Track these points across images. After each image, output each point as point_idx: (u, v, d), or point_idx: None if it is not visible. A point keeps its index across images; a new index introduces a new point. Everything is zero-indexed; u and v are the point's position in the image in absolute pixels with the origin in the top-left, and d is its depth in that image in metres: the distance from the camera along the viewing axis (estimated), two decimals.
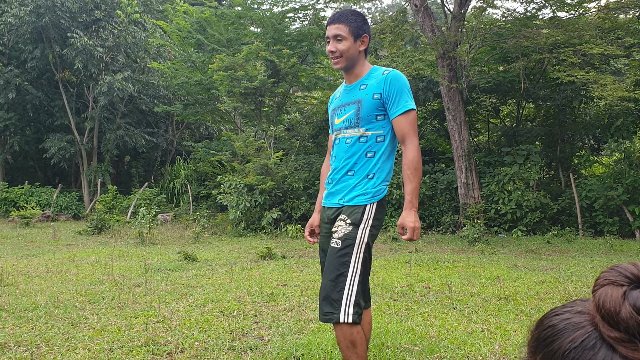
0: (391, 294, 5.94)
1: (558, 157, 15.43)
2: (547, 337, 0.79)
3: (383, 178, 2.85)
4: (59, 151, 20.49)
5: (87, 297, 5.73)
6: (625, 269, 0.76)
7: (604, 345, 0.73)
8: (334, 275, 2.69)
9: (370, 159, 2.83)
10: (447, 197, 15.11)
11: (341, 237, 2.76)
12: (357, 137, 2.85)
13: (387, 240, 11.98)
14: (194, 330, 4.47)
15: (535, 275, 7.05)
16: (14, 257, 9.04)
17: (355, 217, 2.78)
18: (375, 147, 2.83)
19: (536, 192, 13.52)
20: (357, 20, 2.81)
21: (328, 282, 2.69)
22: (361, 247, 2.73)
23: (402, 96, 2.76)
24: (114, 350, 3.90)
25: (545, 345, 0.78)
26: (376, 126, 2.82)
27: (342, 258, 2.71)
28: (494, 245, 10.96)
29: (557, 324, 0.79)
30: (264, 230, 13.72)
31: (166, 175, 22.24)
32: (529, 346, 0.82)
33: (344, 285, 2.66)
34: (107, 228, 14.28)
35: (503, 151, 15.00)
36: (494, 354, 3.74)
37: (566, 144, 15.85)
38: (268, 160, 14.41)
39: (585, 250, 10.20)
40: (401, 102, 2.75)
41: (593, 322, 0.75)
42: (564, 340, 0.76)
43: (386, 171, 2.88)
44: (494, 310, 5.11)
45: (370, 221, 2.78)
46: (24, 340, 4.15)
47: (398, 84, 2.76)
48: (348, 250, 2.72)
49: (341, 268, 2.69)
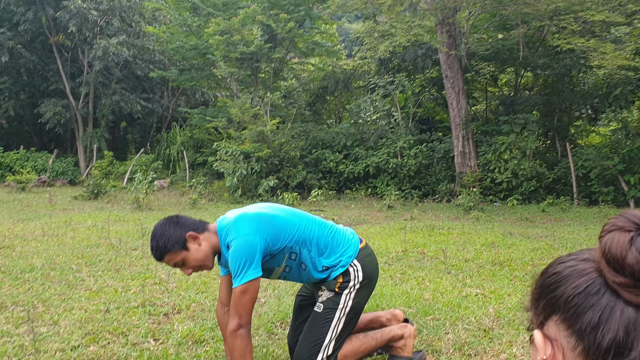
0: (386, 259, 5.99)
1: (555, 126, 15.39)
2: (551, 283, 0.78)
3: (336, 257, 2.75)
4: (54, 116, 20.31)
5: (84, 260, 5.75)
6: (633, 215, 0.75)
7: (608, 291, 0.72)
8: (310, 340, 2.70)
9: (307, 268, 2.75)
10: (443, 165, 15.12)
11: (323, 301, 2.76)
12: (282, 270, 2.76)
13: (382, 209, 12.02)
14: (191, 292, 4.50)
15: (529, 243, 7.10)
16: (10, 221, 9.04)
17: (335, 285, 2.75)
18: (301, 260, 2.72)
19: (532, 161, 13.53)
20: (169, 239, 2.52)
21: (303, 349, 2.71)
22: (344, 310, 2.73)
23: (236, 270, 2.51)
24: (110, 311, 3.93)
25: (549, 291, 0.77)
26: (280, 260, 2.69)
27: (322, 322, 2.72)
28: (489, 214, 11.02)
29: (562, 271, 0.78)
30: (260, 197, 13.73)
31: (162, 142, 22.12)
32: (532, 294, 0.82)
33: (319, 349, 2.68)
34: (104, 193, 14.27)
35: (500, 120, 14.94)
36: (488, 316, 3.78)
37: (564, 113, 15.79)
38: (264, 127, 14.33)
39: (580, 219, 10.27)
40: (235, 276, 2.52)
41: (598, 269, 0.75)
42: (568, 287, 0.76)
43: (334, 253, 2.75)
44: (488, 275, 5.16)
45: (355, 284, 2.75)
46: (21, 301, 4.17)
47: (231, 258, 2.53)
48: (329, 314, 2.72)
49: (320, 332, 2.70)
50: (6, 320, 3.67)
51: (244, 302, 2.47)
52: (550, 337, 0.75)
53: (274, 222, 2.63)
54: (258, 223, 2.57)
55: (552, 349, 0.74)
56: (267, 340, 3.39)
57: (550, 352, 0.74)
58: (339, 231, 2.84)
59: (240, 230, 2.53)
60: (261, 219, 2.61)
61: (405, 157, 14.77)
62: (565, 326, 0.74)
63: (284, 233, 2.63)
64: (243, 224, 2.56)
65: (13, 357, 3.01)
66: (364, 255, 2.82)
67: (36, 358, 2.99)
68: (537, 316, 0.79)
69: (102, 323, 3.64)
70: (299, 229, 2.68)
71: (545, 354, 0.75)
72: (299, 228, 2.68)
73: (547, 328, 0.77)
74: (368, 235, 7.75)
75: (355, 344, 2.80)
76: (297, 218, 2.74)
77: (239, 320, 2.47)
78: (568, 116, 15.86)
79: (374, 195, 14.85)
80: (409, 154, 14.72)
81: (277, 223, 2.64)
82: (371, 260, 2.85)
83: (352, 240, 2.83)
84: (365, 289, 2.79)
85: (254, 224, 2.56)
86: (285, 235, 2.63)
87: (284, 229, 2.64)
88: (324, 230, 2.77)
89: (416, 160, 14.61)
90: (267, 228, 2.58)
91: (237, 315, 2.47)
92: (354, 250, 2.78)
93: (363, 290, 2.77)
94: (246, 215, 2.62)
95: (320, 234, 2.74)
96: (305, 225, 2.72)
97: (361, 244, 2.85)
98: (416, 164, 14.57)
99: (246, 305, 2.48)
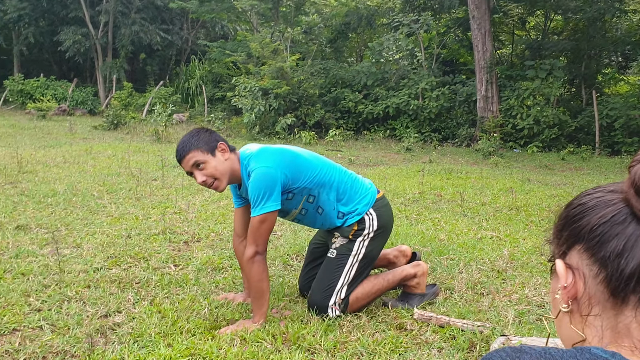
0: (402, 199, 6.01)
1: (582, 73, 14.97)
2: (575, 214, 0.77)
3: (353, 205, 2.75)
4: (74, 44, 20.21)
5: (105, 187, 5.85)
6: None
7: (634, 221, 0.71)
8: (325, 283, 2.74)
9: (324, 212, 2.75)
10: (465, 109, 14.89)
11: (337, 247, 2.78)
12: (299, 212, 2.77)
13: (400, 151, 11.97)
14: (210, 222, 4.58)
15: (547, 190, 7.06)
16: (32, 147, 9.18)
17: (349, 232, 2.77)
18: (319, 204, 2.72)
19: (556, 109, 13.26)
20: (201, 139, 2.56)
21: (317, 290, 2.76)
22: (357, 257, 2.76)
23: (255, 200, 2.53)
24: (131, 237, 4.03)
25: (574, 221, 0.77)
26: (297, 202, 2.69)
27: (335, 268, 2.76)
28: (508, 160, 10.93)
29: (588, 202, 0.77)
30: (277, 135, 13.72)
31: (181, 75, 21.99)
32: (555, 226, 0.81)
33: (332, 292, 2.72)
34: (123, 124, 14.36)
35: (526, 65, 14.55)
36: (502, 258, 3.81)
37: (592, 60, 15.32)
38: (284, 63, 14.13)
39: (600, 169, 10.15)
40: (254, 206, 2.54)
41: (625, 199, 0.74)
42: (593, 216, 0.75)
43: (352, 201, 2.75)
44: (504, 219, 5.17)
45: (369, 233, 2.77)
46: (45, 223, 4.28)
47: (251, 187, 2.55)
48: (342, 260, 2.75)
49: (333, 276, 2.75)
50: (31, 241, 3.79)
51: (261, 231, 2.53)
52: (572, 266, 0.76)
53: (297, 160, 2.65)
54: (281, 157, 2.59)
55: (573, 277, 0.75)
56: (283, 271, 3.47)
57: (572, 280, 0.75)
58: (358, 180, 2.86)
59: (262, 161, 2.55)
60: (284, 154, 2.63)
61: (426, 99, 14.56)
62: (589, 255, 0.74)
63: (304, 173, 2.64)
64: (266, 156, 2.58)
65: (39, 276, 3.12)
66: (381, 205, 2.83)
67: (60, 278, 3.09)
68: (560, 246, 0.79)
69: (124, 248, 3.74)
70: (320, 172, 2.70)
71: (566, 281, 0.75)
72: (320, 171, 2.70)
73: (569, 257, 0.77)
74: (385, 176, 7.75)
75: (367, 286, 2.83)
76: (319, 161, 2.75)
77: (256, 248, 2.54)
78: (597, 63, 15.40)
79: (393, 137, 14.75)
80: (430, 96, 14.49)
81: (299, 162, 2.65)
82: (387, 210, 2.87)
83: (370, 190, 2.85)
84: (379, 238, 2.82)
85: (276, 157, 2.58)
86: (306, 176, 2.64)
87: (305, 169, 2.65)
88: (344, 177, 2.79)
89: (438, 102, 14.39)
90: (289, 164, 2.59)
91: (255, 244, 2.54)
92: (370, 199, 2.80)
93: (377, 239, 2.80)
94: (269, 149, 2.64)
95: (340, 179, 2.76)
96: (326, 170, 2.73)
97: (378, 194, 2.87)
98: (437, 106, 14.36)
99: (263, 235, 2.54)
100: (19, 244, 3.70)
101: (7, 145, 9.25)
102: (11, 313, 2.61)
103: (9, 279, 3.06)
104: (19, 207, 4.77)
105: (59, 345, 2.31)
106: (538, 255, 3.94)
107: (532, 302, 3.04)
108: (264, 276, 2.56)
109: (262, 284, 2.56)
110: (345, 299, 2.74)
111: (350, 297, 2.75)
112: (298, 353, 2.30)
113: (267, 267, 2.62)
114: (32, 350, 2.26)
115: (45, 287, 2.97)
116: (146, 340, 2.39)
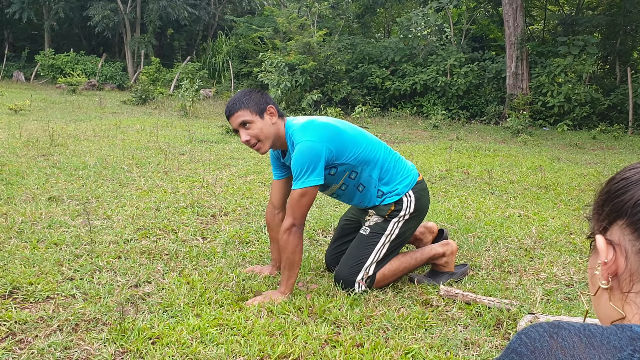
0: (429, 177, 5.97)
1: (617, 49, 14.54)
2: (618, 189, 0.75)
3: (394, 185, 2.74)
4: (103, 19, 20.38)
5: (134, 161, 5.93)
6: None
7: None
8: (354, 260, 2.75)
9: (365, 190, 2.75)
10: (494, 86, 14.63)
11: (371, 225, 2.77)
12: (339, 187, 2.76)
13: (427, 128, 11.85)
14: (237, 197, 4.62)
15: (577, 168, 6.93)
16: (63, 121, 9.33)
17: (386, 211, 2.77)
18: (360, 181, 2.72)
19: (588, 86, 12.93)
20: (252, 99, 2.57)
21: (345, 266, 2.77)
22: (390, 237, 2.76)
23: (298, 173, 2.53)
24: (160, 210, 4.08)
25: (616, 196, 0.74)
26: (339, 176, 2.69)
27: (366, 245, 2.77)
28: (537, 138, 10.73)
29: (631, 176, 0.75)
30: (303, 111, 13.69)
31: (208, 51, 22.02)
32: (596, 202, 0.79)
33: (360, 269, 2.73)
34: (151, 99, 14.49)
35: (558, 41, 14.19)
36: (530, 237, 3.77)
37: (628, 35, 14.85)
38: (311, 38, 14.03)
39: (633, 148, 9.91)
40: (296, 179, 2.55)
41: None
42: (636, 191, 0.72)
43: (393, 181, 2.75)
44: (532, 198, 5.09)
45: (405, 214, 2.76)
46: (76, 195, 4.37)
47: (294, 160, 2.55)
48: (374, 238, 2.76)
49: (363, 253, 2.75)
50: (63, 212, 3.87)
51: (301, 204, 2.54)
52: (613, 241, 0.74)
53: (342, 136, 2.63)
54: (327, 132, 2.58)
55: (614, 253, 0.73)
56: (309, 246, 3.49)
57: (612, 256, 0.73)
58: (401, 160, 2.85)
59: (307, 134, 2.55)
60: (330, 129, 2.61)
61: (455, 76, 14.34)
62: (631, 230, 0.72)
63: (349, 149, 2.63)
64: (312, 129, 2.58)
65: (71, 246, 3.19)
66: (420, 188, 2.82)
67: (92, 248, 3.16)
68: (600, 222, 0.77)
69: (153, 220, 3.80)
70: (365, 149, 2.68)
71: (607, 257, 0.73)
72: (365, 148, 2.68)
73: (610, 233, 0.75)
74: (412, 153, 7.69)
75: (394, 263, 2.82)
76: (365, 138, 2.73)
77: (294, 220, 2.56)
78: (632, 39, 14.92)
79: (420, 114, 14.60)
80: (459, 73, 14.26)
81: (345, 138, 2.64)
82: (425, 194, 2.86)
83: (412, 172, 2.84)
84: (414, 220, 2.81)
85: (322, 131, 2.57)
86: (350, 152, 2.63)
87: (350, 145, 2.64)
88: (388, 156, 2.77)
89: (466, 79, 14.16)
90: (334, 139, 2.59)
91: (293, 216, 2.56)
92: (412, 181, 2.79)
93: (412, 221, 2.80)
94: (315, 122, 2.63)
95: (385, 158, 2.75)
96: (371, 147, 2.72)
97: (419, 178, 2.85)
98: (466, 83, 14.14)
99: (302, 208, 2.55)
100: (51, 215, 3.78)
101: (39, 119, 9.42)
102: (45, 281, 2.68)
103: (42, 248, 3.15)
104: (51, 179, 4.87)
105: (91, 313, 2.37)
106: (567, 234, 3.88)
107: (561, 281, 3.01)
108: (298, 249, 2.58)
109: (295, 256, 2.58)
110: (372, 276, 2.75)
111: (377, 274, 2.76)
112: (324, 326, 2.32)
113: (303, 239, 2.64)
114: (65, 317, 2.32)
115: (77, 257, 3.04)
116: (175, 310, 2.44)
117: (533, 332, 0.67)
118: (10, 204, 4.03)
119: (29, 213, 3.77)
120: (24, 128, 7.99)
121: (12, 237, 3.29)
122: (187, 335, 2.20)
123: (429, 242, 3.28)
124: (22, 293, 2.55)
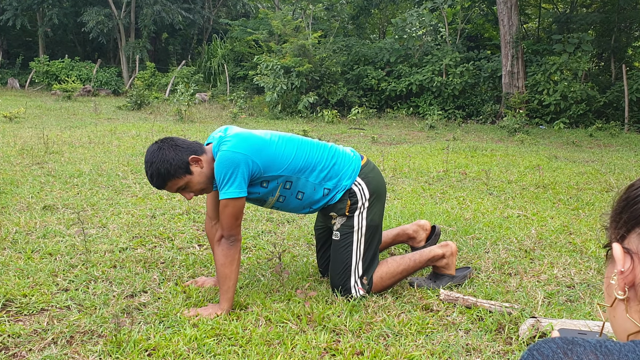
0: (427, 178, 5.94)
1: (612, 47, 14.54)
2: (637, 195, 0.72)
3: (338, 179, 2.68)
4: (97, 25, 20.33)
5: (129, 167, 5.89)
6: None
7: None
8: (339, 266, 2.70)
9: (305, 196, 2.69)
10: (489, 85, 14.63)
11: (338, 228, 2.71)
12: (276, 200, 2.69)
13: (424, 129, 11.83)
14: None
15: (575, 167, 6.91)
16: (58, 128, 9.28)
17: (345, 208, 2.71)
18: (298, 189, 2.65)
19: (584, 84, 12.93)
20: (172, 164, 2.42)
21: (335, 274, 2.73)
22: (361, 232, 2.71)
23: (219, 183, 2.47)
24: (156, 217, 4.05)
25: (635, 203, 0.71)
26: (273, 189, 2.62)
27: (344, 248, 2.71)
28: (534, 136, 10.72)
29: None
30: (300, 114, 13.66)
31: (203, 54, 22.00)
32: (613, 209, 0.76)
33: (349, 273, 2.68)
34: (147, 104, 14.44)
35: (553, 39, 14.18)
36: (530, 237, 3.74)
37: (622, 32, 14.85)
38: (306, 41, 14.00)
39: (630, 145, 9.90)
40: (219, 189, 2.48)
41: None
42: None
43: (335, 176, 2.67)
44: (531, 198, 5.07)
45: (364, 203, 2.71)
46: (71, 204, 4.33)
47: (215, 170, 2.49)
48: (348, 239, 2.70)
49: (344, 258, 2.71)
50: (58, 221, 3.83)
51: (225, 215, 2.47)
52: (631, 250, 0.70)
53: (268, 149, 2.55)
54: (248, 143, 2.49)
55: (631, 262, 0.70)
56: (307, 251, 3.45)
57: (630, 265, 0.70)
58: (339, 151, 2.76)
59: (228, 145, 2.47)
60: (254, 141, 2.52)
61: (450, 76, 14.33)
62: None
63: (277, 162, 2.56)
64: (235, 141, 2.49)
65: (66, 256, 3.15)
66: (367, 171, 2.75)
67: (87, 257, 3.12)
68: (618, 230, 0.74)
69: (149, 228, 3.76)
70: (295, 158, 2.61)
71: (624, 266, 0.70)
72: (295, 157, 2.61)
73: (628, 242, 0.71)
74: (409, 154, 7.67)
75: (392, 265, 2.78)
76: (294, 146, 2.64)
77: (222, 232, 2.51)
78: (627, 36, 14.93)
79: (416, 114, 14.58)
80: (454, 72, 14.25)
81: (271, 150, 2.55)
82: (375, 175, 2.79)
83: (353, 159, 2.76)
84: (376, 205, 2.75)
85: (244, 142, 2.48)
86: (280, 164, 2.56)
87: (277, 157, 2.56)
88: (323, 154, 2.70)
89: (462, 79, 14.15)
90: (259, 153, 2.50)
91: (221, 227, 2.52)
92: (355, 168, 2.72)
93: (374, 207, 2.73)
94: (239, 134, 2.54)
95: (320, 158, 2.67)
96: (302, 153, 2.64)
97: (362, 161, 2.78)
98: (461, 83, 14.13)
99: (227, 219, 2.47)
100: (46, 224, 3.74)
101: (34, 126, 9.37)
102: (39, 293, 2.64)
103: (36, 259, 3.10)
104: (46, 188, 4.83)
105: (86, 325, 2.33)
106: (567, 235, 3.85)
107: (562, 282, 2.98)
108: (227, 261, 2.49)
109: (225, 268, 2.49)
110: (369, 279, 2.71)
111: (375, 277, 2.72)
112: (323, 334, 2.29)
113: (237, 253, 2.53)
114: (59, 330, 2.28)
115: (72, 267, 3.00)
116: (172, 320, 2.40)
117: (546, 349, 0.63)
118: (4, 213, 3.98)
119: (24, 223, 3.73)
120: (18, 136, 7.95)
121: (6, 247, 3.25)
122: (184, 346, 2.17)
123: (423, 240, 3.25)
124: (16, 305, 2.50)
